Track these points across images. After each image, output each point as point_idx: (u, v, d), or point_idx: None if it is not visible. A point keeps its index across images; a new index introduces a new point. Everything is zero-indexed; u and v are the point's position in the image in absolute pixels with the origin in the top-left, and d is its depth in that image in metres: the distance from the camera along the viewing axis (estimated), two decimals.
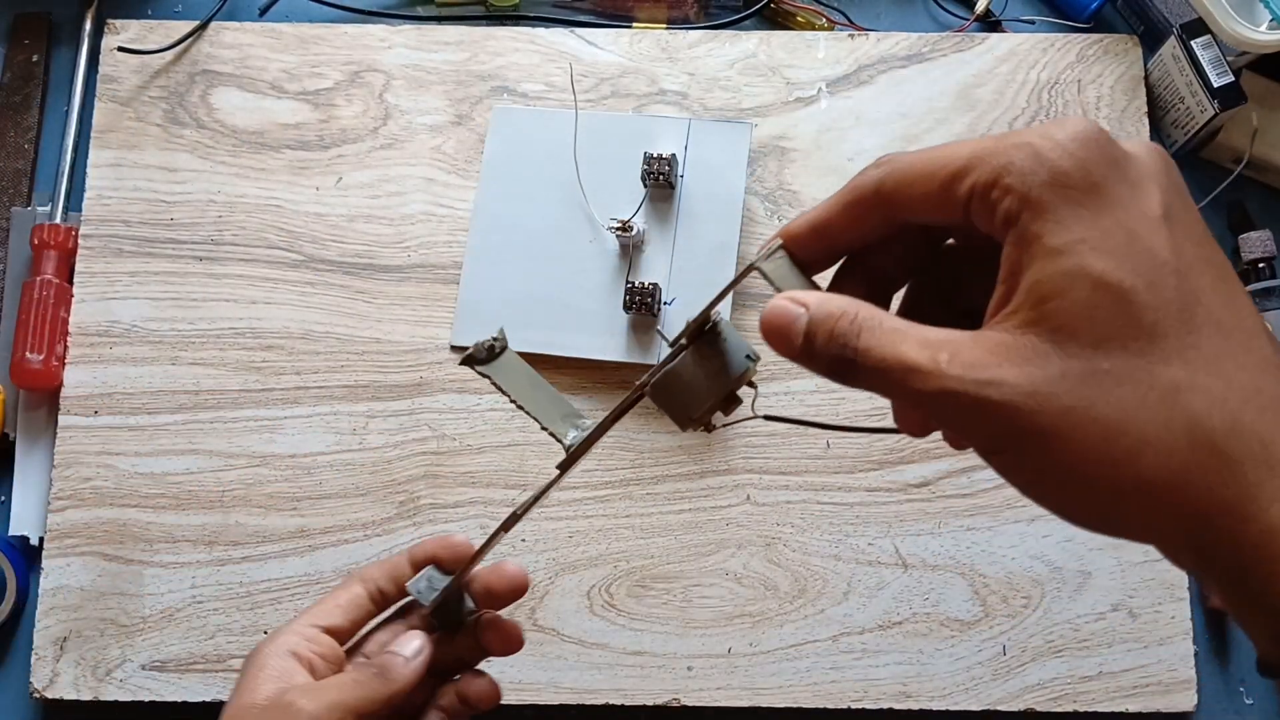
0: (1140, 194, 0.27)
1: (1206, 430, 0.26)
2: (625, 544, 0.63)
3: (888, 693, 0.61)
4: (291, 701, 0.43)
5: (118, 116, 0.69)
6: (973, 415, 0.27)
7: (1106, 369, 0.26)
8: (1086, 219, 0.27)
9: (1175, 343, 0.27)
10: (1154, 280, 0.27)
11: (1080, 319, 0.27)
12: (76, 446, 0.64)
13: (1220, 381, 0.26)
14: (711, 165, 0.65)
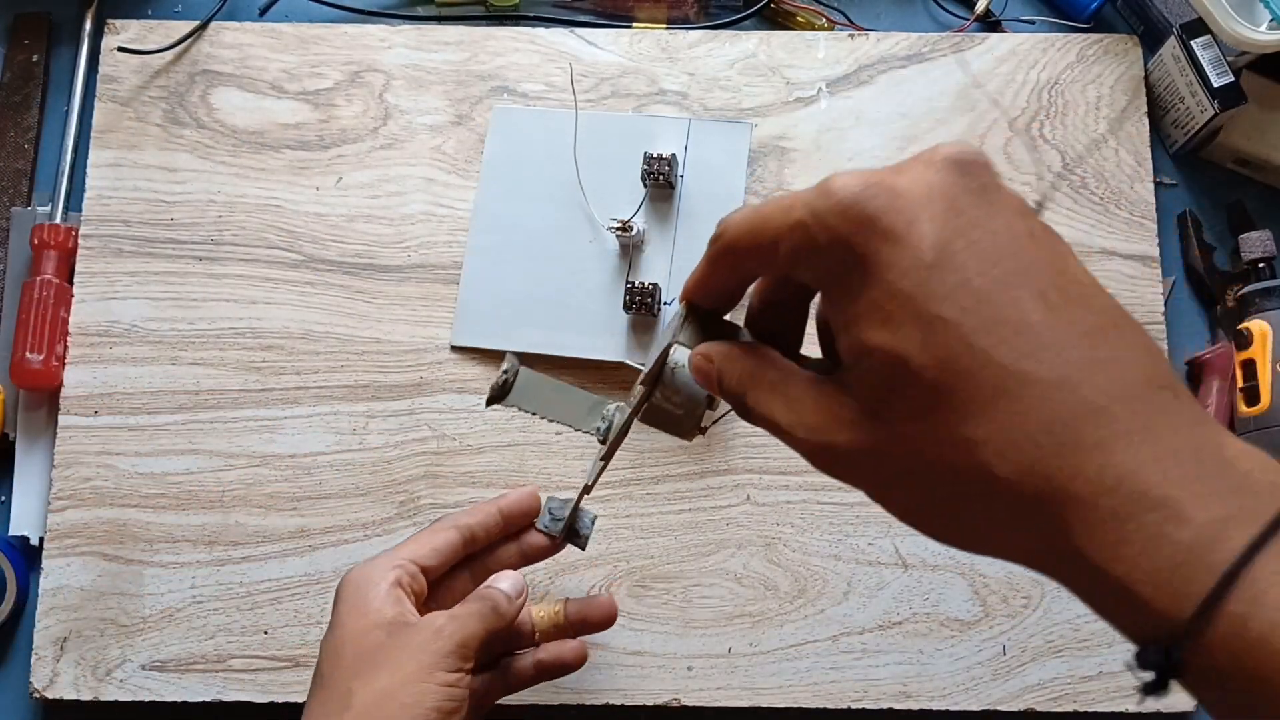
0: (905, 247, 0.27)
1: (1000, 480, 0.27)
2: (625, 544, 0.63)
3: (888, 693, 0.61)
4: (433, 621, 0.46)
5: (118, 116, 0.69)
6: (827, 469, 0.30)
7: (907, 432, 0.28)
8: (858, 291, 0.28)
9: (962, 397, 0.27)
10: (926, 340, 0.27)
11: (876, 389, 0.28)
12: (76, 446, 0.64)
13: (1013, 428, 0.27)
14: (711, 165, 0.65)
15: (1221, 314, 0.67)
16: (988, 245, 0.27)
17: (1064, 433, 0.26)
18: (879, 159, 0.68)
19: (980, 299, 0.27)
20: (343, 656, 0.45)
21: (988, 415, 0.27)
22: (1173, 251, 0.69)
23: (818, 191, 0.28)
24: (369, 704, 0.43)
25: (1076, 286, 0.28)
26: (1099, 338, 0.27)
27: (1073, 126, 0.68)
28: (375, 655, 0.45)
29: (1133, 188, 0.68)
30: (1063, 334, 0.27)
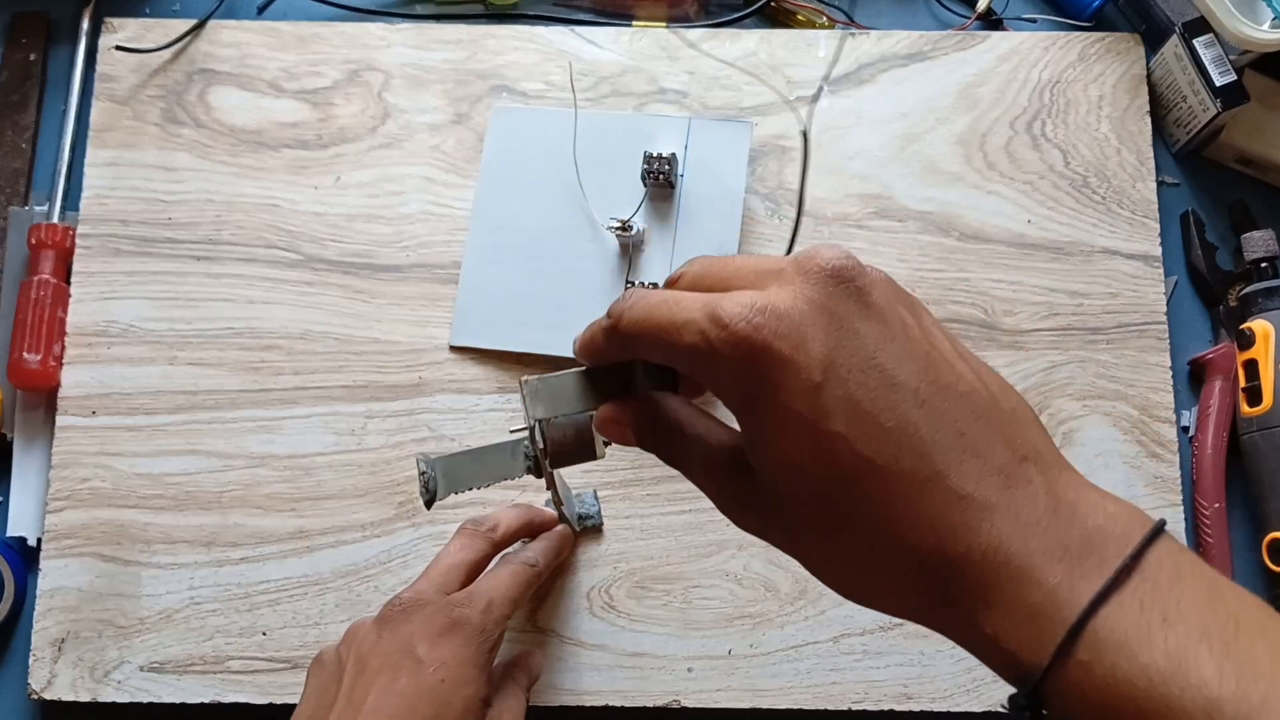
0: (796, 370, 0.30)
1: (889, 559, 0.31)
2: (625, 545, 0.63)
3: (889, 694, 0.61)
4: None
5: (115, 115, 0.69)
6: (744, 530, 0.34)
7: (809, 519, 0.32)
8: (756, 410, 0.31)
9: (855, 494, 0.31)
10: (820, 452, 0.30)
11: (781, 490, 0.32)
12: (74, 447, 0.64)
13: (896, 518, 0.31)
14: (712, 165, 0.65)
15: (1224, 314, 0.67)
16: (867, 353, 0.31)
17: (940, 519, 0.30)
18: (879, 158, 0.68)
19: (863, 410, 0.30)
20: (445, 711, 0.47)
21: (876, 507, 0.30)
22: (1175, 251, 0.69)
23: (708, 317, 0.31)
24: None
25: (948, 371, 0.31)
26: (967, 425, 0.31)
27: (1075, 125, 0.68)
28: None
29: (1135, 187, 0.67)
30: (934, 431, 0.30)
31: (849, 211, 0.67)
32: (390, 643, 0.48)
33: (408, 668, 0.47)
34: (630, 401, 0.38)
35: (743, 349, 0.30)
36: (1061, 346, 0.65)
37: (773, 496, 0.32)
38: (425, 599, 0.50)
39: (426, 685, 0.46)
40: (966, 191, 0.67)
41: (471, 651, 0.48)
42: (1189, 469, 0.65)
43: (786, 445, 0.31)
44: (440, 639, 0.48)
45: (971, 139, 0.68)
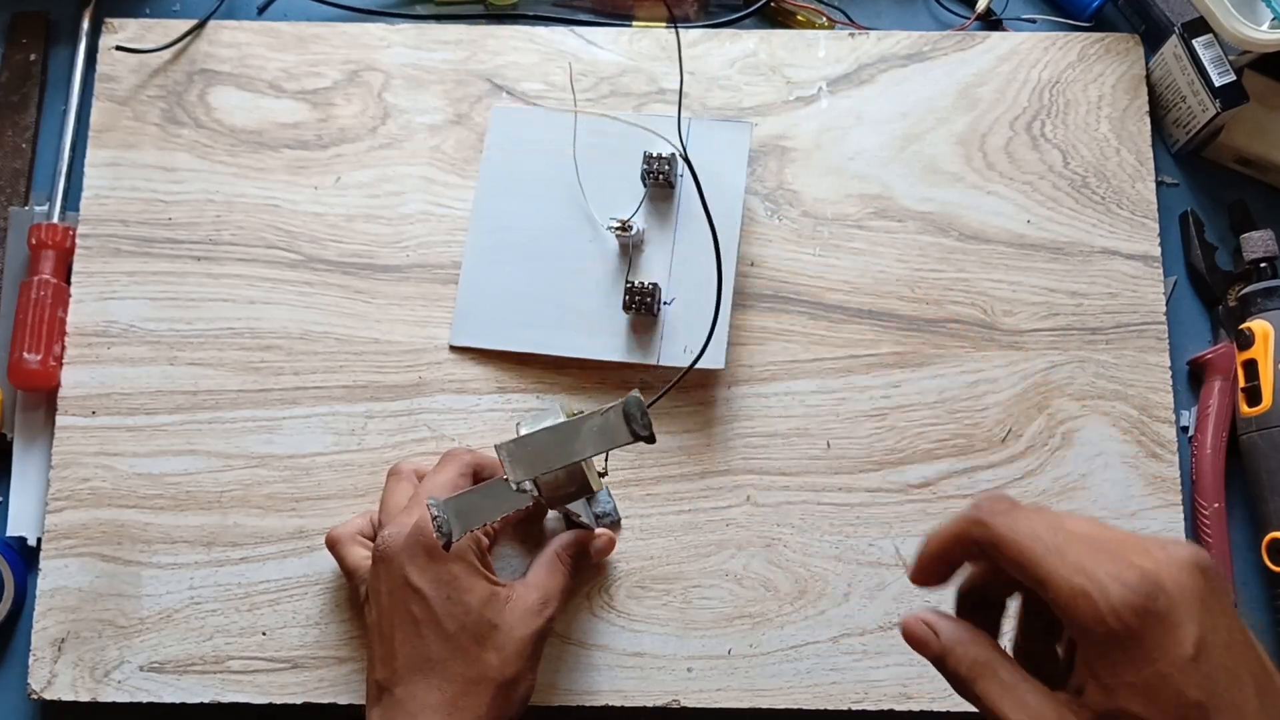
0: (1176, 638, 0.35)
1: None
2: (625, 545, 0.63)
3: (888, 694, 0.61)
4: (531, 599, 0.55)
5: (115, 116, 0.69)
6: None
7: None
8: (1127, 666, 0.35)
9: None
10: (1179, 715, 0.34)
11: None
12: (74, 447, 0.64)
13: None
14: (712, 165, 0.65)
15: (1223, 314, 0.67)
16: (1224, 641, 0.35)
17: None
18: (879, 158, 0.68)
19: (1221, 687, 0.34)
20: (475, 625, 0.52)
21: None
22: (1174, 251, 0.69)
23: (1116, 581, 0.35)
24: (506, 681, 0.53)
25: (1275, 679, 0.36)
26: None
27: (1074, 126, 0.68)
28: (499, 630, 0.53)
29: (1134, 187, 0.67)
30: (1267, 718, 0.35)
31: (849, 211, 0.67)
32: (392, 575, 0.53)
33: (413, 600, 0.52)
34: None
35: (1140, 612, 0.34)
36: (1061, 346, 0.65)
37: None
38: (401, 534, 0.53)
39: (436, 612, 0.52)
40: (966, 191, 0.67)
41: (460, 567, 0.53)
42: (1188, 469, 0.65)
43: (1149, 705, 0.35)
44: (429, 563, 0.53)
45: (971, 139, 0.68)
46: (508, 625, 0.53)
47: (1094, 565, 0.35)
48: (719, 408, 0.65)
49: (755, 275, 0.66)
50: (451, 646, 0.52)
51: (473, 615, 0.52)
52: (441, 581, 0.52)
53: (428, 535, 0.52)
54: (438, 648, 0.52)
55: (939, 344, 0.65)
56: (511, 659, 0.53)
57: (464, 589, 0.53)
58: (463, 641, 0.52)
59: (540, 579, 0.56)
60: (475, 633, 0.52)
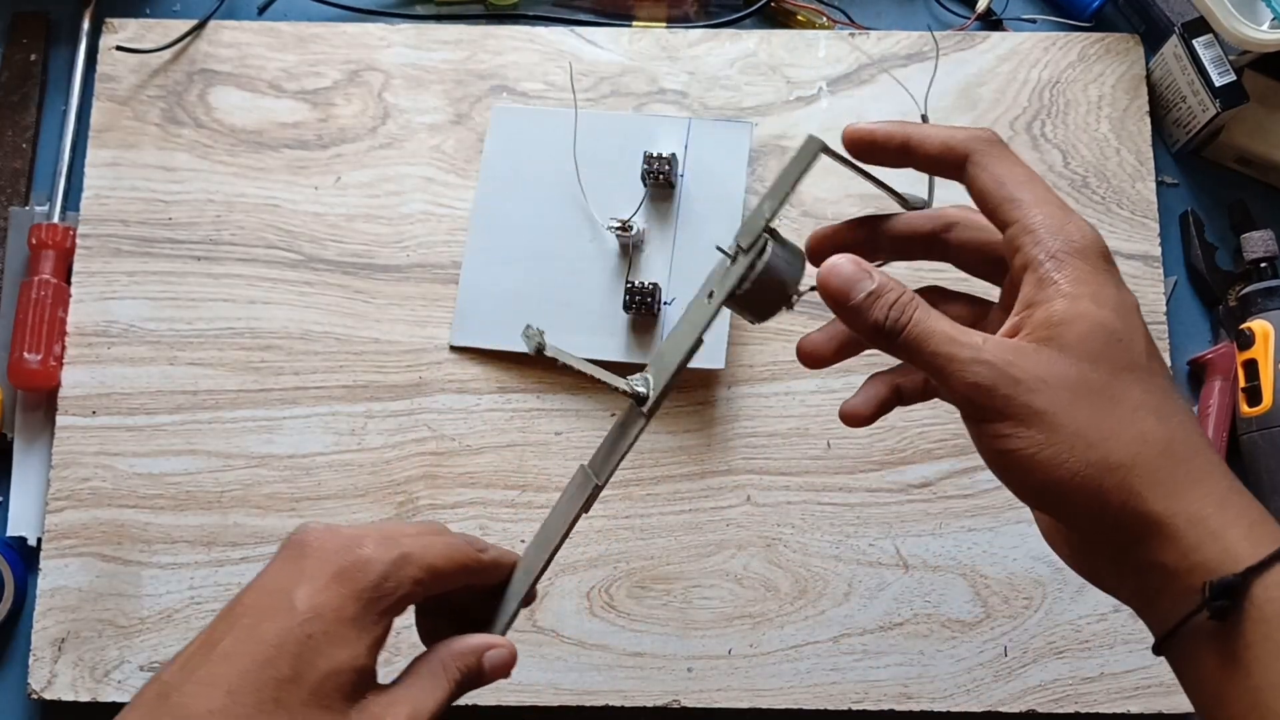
0: (1116, 275, 0.38)
1: (1152, 438, 0.37)
2: (625, 545, 0.63)
3: (889, 694, 0.61)
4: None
5: (116, 116, 0.69)
6: (992, 386, 0.36)
7: (1094, 379, 0.37)
8: (1090, 278, 0.37)
9: (1140, 375, 0.37)
10: (1130, 331, 0.38)
11: (1082, 343, 0.37)
12: (74, 447, 0.64)
13: (1164, 408, 0.37)
14: (712, 165, 0.65)
15: (1223, 314, 0.67)
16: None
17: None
18: None
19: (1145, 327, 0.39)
20: (303, 695, 0.38)
21: (1157, 397, 0.37)
22: (1174, 251, 0.69)
23: (1054, 215, 0.39)
24: None
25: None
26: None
27: (1074, 126, 0.68)
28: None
29: (1134, 187, 0.67)
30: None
31: (849, 211, 0.67)
32: (272, 579, 0.40)
33: (279, 612, 0.38)
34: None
35: (1097, 235, 0.39)
36: None
37: (1071, 354, 0.37)
38: (336, 535, 0.41)
39: (292, 637, 0.38)
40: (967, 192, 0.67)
41: (357, 608, 0.39)
42: None
43: (1104, 311, 0.37)
44: (327, 585, 0.39)
45: None
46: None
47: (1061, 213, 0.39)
48: (719, 408, 0.65)
49: None
50: (255, 691, 0.37)
51: (306, 684, 0.38)
52: (319, 614, 0.39)
53: (344, 554, 0.40)
54: (242, 683, 0.37)
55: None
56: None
57: (335, 638, 0.39)
58: (273, 693, 0.37)
59: (412, 693, 0.42)
60: (290, 705, 0.37)
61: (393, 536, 0.41)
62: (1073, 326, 0.37)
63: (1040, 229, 0.38)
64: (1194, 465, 0.37)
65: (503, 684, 0.61)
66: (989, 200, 0.41)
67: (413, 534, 0.42)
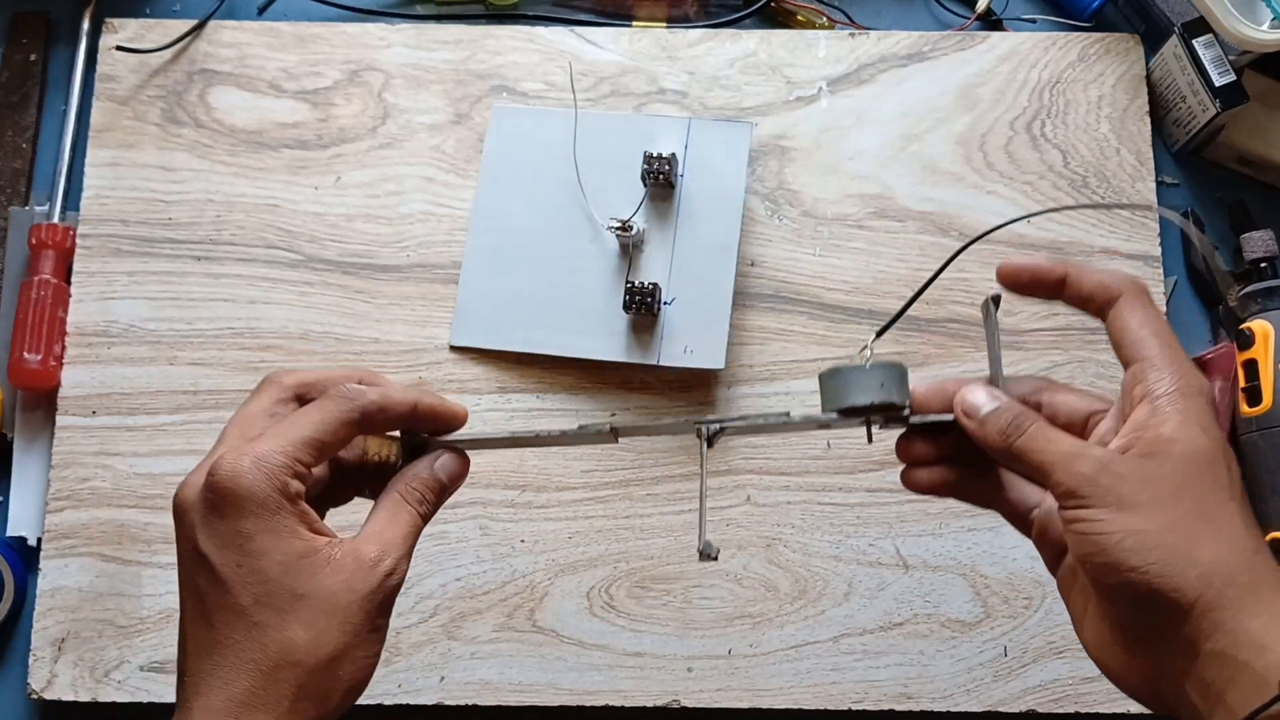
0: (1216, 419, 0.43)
1: (1237, 547, 0.40)
2: (625, 545, 0.63)
3: (889, 694, 0.61)
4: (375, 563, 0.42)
5: (116, 115, 0.69)
6: (1095, 476, 0.40)
7: (1193, 490, 0.41)
8: (1199, 415, 0.41)
9: (1234, 500, 0.41)
10: (1229, 461, 0.41)
11: (1186, 460, 0.41)
12: (74, 447, 0.64)
13: (1251, 528, 0.41)
14: (712, 165, 0.65)
15: (1223, 314, 0.67)
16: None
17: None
18: (879, 158, 0.68)
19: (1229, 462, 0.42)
20: (274, 595, 0.41)
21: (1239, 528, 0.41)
22: (1175, 251, 0.69)
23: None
24: (320, 662, 0.41)
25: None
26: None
27: (1074, 126, 0.68)
28: (311, 597, 0.41)
29: (1134, 187, 0.67)
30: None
31: (849, 211, 0.67)
32: (182, 535, 0.43)
33: (199, 570, 0.41)
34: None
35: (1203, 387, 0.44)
36: (1061, 346, 0.65)
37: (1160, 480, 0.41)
38: (197, 483, 0.42)
39: (225, 582, 0.41)
40: (966, 191, 0.67)
41: (253, 524, 0.41)
42: None
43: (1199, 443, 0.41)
44: (217, 520, 0.41)
45: (971, 139, 0.68)
46: (324, 592, 0.41)
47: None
48: (719, 408, 0.65)
49: (755, 275, 0.66)
50: (244, 626, 0.41)
51: (272, 583, 0.41)
52: (231, 544, 0.41)
53: (221, 483, 0.41)
54: (226, 630, 0.41)
55: (939, 344, 0.65)
56: (328, 634, 0.41)
57: (260, 550, 0.41)
58: (257, 617, 0.41)
59: (378, 528, 0.44)
60: (276, 605, 0.41)
61: (254, 448, 0.42)
62: (1179, 445, 0.41)
63: (1163, 368, 0.42)
64: (1272, 574, 0.41)
65: (503, 684, 0.61)
66: (1125, 338, 0.44)
67: (276, 431, 0.43)
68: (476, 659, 0.61)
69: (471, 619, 0.62)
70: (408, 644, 0.62)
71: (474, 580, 0.62)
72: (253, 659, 0.41)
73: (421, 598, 0.62)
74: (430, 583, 0.62)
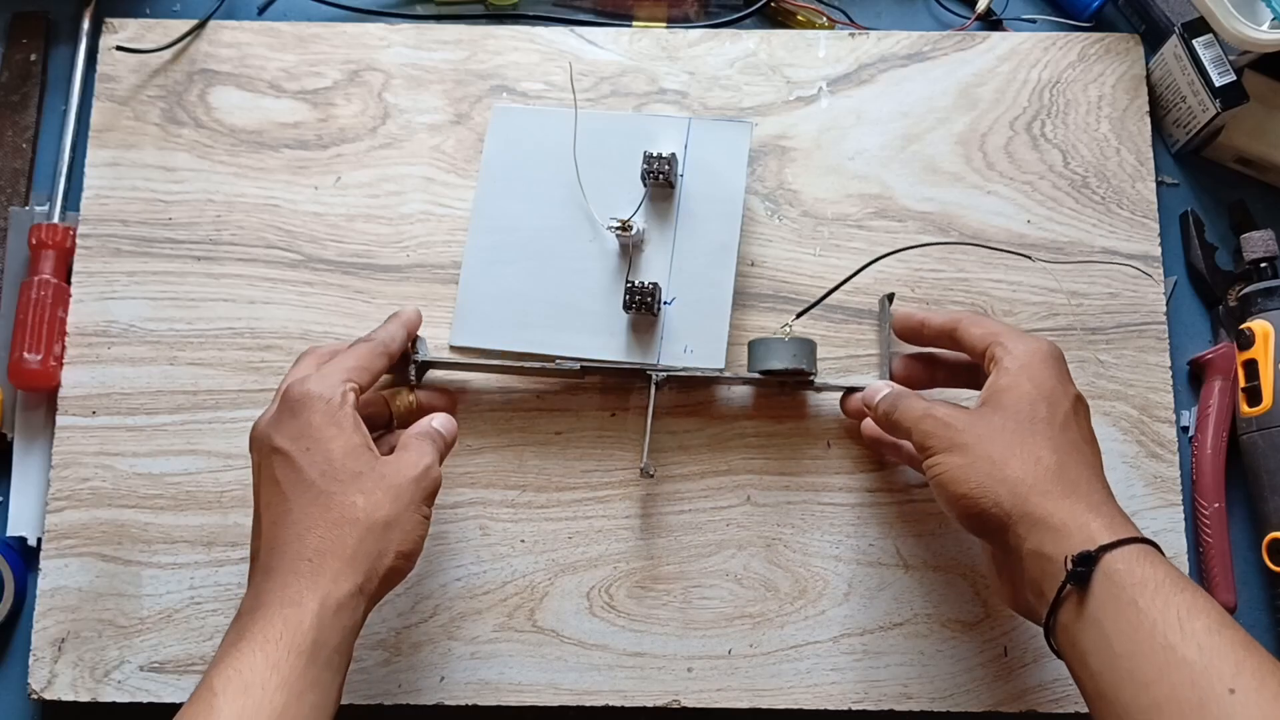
0: (1063, 373, 0.55)
1: (1044, 463, 0.50)
2: (625, 545, 0.63)
3: (889, 694, 0.61)
4: (418, 461, 0.53)
5: (116, 116, 0.69)
6: (932, 430, 0.53)
7: (1010, 426, 0.51)
8: (1035, 368, 0.54)
9: (1053, 430, 0.51)
10: (1054, 404, 0.52)
11: (1011, 405, 0.52)
12: (74, 447, 0.64)
13: (1063, 448, 0.51)
14: (712, 164, 0.65)
15: (1224, 314, 0.67)
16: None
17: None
18: (879, 158, 0.68)
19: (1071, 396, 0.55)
20: (338, 471, 0.50)
21: (1049, 447, 0.52)
22: (1174, 251, 0.69)
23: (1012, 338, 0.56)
24: (376, 524, 0.50)
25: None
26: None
27: (1074, 126, 0.68)
28: (369, 477, 0.51)
29: (1134, 187, 0.67)
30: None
31: (849, 211, 0.67)
32: (260, 447, 0.53)
33: (276, 461, 0.51)
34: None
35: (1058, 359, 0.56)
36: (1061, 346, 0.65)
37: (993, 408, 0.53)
38: (269, 412, 0.54)
39: (297, 464, 0.51)
40: (966, 191, 0.67)
41: (320, 417, 0.51)
42: (1189, 469, 0.65)
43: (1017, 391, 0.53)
44: (291, 420, 0.52)
45: (971, 139, 0.68)
46: (377, 472, 0.51)
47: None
48: (719, 408, 0.65)
49: (755, 275, 0.66)
50: (312, 494, 0.50)
51: (336, 462, 0.50)
52: (301, 434, 0.51)
53: (291, 391, 0.52)
54: (298, 500, 0.50)
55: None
56: (382, 502, 0.50)
57: (326, 438, 0.51)
58: (324, 486, 0.50)
59: (418, 447, 0.54)
60: (339, 478, 0.50)
61: (313, 370, 0.55)
62: (1007, 394, 0.52)
63: (1006, 341, 0.54)
64: (1078, 484, 0.49)
65: (503, 684, 0.61)
66: (974, 336, 0.56)
67: (330, 365, 0.55)
68: (476, 659, 0.61)
69: (471, 619, 0.62)
70: (408, 644, 0.62)
71: (474, 580, 0.62)
72: (321, 518, 0.49)
73: (421, 598, 0.62)
74: (430, 583, 0.62)
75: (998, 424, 0.51)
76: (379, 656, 0.61)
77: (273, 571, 0.49)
